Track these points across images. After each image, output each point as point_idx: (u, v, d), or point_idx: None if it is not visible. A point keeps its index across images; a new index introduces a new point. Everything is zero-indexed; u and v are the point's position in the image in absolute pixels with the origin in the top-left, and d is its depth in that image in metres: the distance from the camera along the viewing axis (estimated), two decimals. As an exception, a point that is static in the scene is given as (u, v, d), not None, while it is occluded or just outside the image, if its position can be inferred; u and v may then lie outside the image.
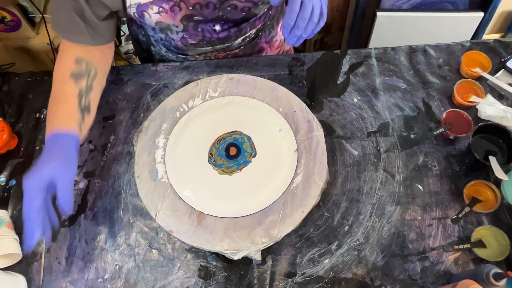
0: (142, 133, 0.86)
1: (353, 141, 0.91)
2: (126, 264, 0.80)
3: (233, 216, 0.77)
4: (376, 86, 0.98)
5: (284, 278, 0.78)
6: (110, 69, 0.96)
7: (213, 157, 0.83)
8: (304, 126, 0.84)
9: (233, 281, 0.78)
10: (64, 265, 0.80)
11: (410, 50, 1.03)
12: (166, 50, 1.03)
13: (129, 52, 1.76)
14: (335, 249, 0.80)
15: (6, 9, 1.06)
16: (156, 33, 0.97)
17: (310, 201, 0.77)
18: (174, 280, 0.78)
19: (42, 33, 1.18)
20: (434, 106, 0.95)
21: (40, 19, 1.17)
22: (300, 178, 0.79)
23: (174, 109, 0.88)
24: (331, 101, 0.96)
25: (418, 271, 0.78)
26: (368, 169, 0.88)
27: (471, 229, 0.80)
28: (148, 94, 0.99)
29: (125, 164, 0.90)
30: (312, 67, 1.01)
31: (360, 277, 0.78)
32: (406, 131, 0.92)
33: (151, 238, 0.82)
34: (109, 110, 0.97)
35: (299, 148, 0.83)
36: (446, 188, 0.85)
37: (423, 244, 0.80)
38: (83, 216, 0.85)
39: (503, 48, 1.02)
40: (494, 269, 0.68)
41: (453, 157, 0.89)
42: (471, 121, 0.89)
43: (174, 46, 0.99)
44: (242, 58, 1.03)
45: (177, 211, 0.77)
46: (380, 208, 0.84)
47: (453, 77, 0.99)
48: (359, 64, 1.01)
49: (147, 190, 0.79)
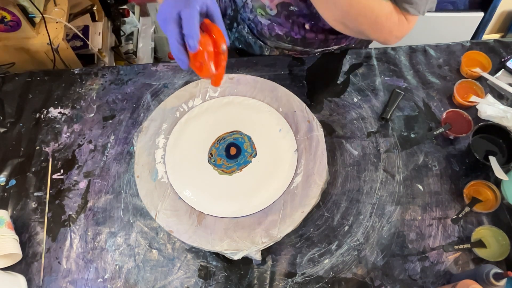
0: (142, 133, 0.86)
1: (353, 141, 0.91)
2: (126, 264, 0.80)
3: (233, 216, 0.77)
4: (376, 86, 0.98)
5: (284, 278, 0.78)
6: (110, 69, 0.96)
7: (213, 157, 0.83)
8: (304, 126, 0.84)
9: (233, 281, 0.78)
10: (64, 265, 0.80)
11: (410, 50, 1.03)
12: (248, 31, 1.02)
13: (129, 52, 1.76)
14: (335, 249, 0.80)
15: (6, 9, 1.06)
16: (246, 12, 0.97)
17: (310, 201, 0.77)
18: (174, 280, 0.78)
19: (42, 33, 1.17)
20: (434, 106, 0.95)
21: (40, 19, 1.17)
22: (300, 178, 0.79)
23: (174, 109, 0.88)
24: (331, 101, 0.96)
25: (418, 271, 0.78)
26: (368, 169, 0.88)
27: (471, 229, 0.80)
28: (148, 94, 0.99)
29: (125, 164, 0.90)
30: (312, 67, 1.01)
31: (360, 277, 0.78)
32: (406, 131, 0.92)
33: (151, 238, 0.82)
34: (109, 110, 0.97)
35: (299, 148, 0.83)
36: (446, 188, 0.85)
37: (423, 244, 0.80)
38: (83, 216, 0.85)
39: (503, 48, 1.02)
40: (494, 269, 0.68)
41: (453, 157, 0.89)
42: (471, 121, 0.89)
43: (259, 31, 0.99)
44: (242, 58, 1.03)
45: (177, 211, 0.77)
46: (380, 208, 0.84)
47: (453, 77, 0.99)
48: (359, 64, 1.01)
49: (147, 190, 0.79)
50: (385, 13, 0.75)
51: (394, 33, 0.78)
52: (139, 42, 1.83)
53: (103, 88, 1.01)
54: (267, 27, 0.96)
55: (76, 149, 0.92)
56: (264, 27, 0.96)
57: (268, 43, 1.02)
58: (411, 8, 0.74)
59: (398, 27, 0.77)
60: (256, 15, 0.95)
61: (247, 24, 1.01)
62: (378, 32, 0.78)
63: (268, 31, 0.97)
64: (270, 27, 0.96)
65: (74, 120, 0.96)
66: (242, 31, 1.04)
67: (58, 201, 0.86)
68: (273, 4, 0.89)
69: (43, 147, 0.93)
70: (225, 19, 1.06)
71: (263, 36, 1.00)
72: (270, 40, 1.00)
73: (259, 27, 0.98)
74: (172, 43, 0.60)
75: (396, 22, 0.76)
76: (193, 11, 0.59)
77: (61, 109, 0.98)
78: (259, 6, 0.92)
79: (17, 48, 1.19)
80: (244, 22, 1.01)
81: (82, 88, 1.01)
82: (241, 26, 1.03)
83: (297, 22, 0.92)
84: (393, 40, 0.80)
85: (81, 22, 1.44)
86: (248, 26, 1.01)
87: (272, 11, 0.91)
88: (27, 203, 0.86)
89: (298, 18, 0.91)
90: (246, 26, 1.02)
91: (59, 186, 0.88)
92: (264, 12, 0.93)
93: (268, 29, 0.97)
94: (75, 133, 0.95)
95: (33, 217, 0.85)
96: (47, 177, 0.89)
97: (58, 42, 1.19)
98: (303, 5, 0.87)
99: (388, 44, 0.80)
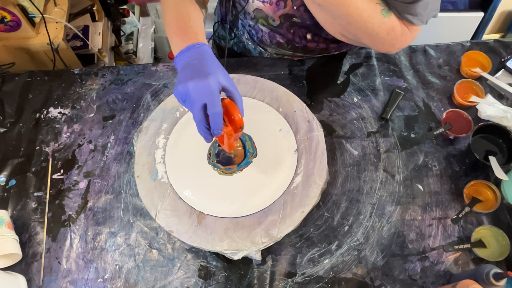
0: (142, 133, 0.86)
1: (353, 141, 0.91)
2: (126, 264, 0.80)
3: (233, 216, 0.77)
4: (376, 86, 0.98)
5: (284, 278, 0.78)
6: (110, 69, 0.96)
7: (212, 157, 0.83)
8: (304, 126, 0.84)
9: (233, 281, 0.78)
10: (64, 265, 0.80)
11: (410, 50, 1.03)
12: (248, 37, 1.02)
13: (129, 52, 1.76)
14: (335, 249, 0.80)
15: (6, 9, 1.06)
16: (246, 19, 0.96)
17: (310, 201, 0.77)
18: (174, 280, 0.78)
19: (42, 33, 1.18)
20: (434, 106, 0.95)
21: (40, 19, 1.17)
22: (300, 178, 0.79)
23: (174, 109, 0.88)
24: (331, 101, 0.96)
25: (418, 271, 0.78)
26: (368, 169, 0.88)
27: (471, 229, 0.80)
28: (148, 94, 0.99)
29: (125, 164, 0.90)
30: (312, 67, 1.01)
31: (360, 277, 0.78)
32: (406, 131, 0.92)
33: (151, 238, 0.82)
34: (109, 110, 0.97)
35: (299, 148, 0.83)
36: (446, 188, 0.85)
37: (423, 244, 0.80)
38: (83, 216, 0.85)
39: (503, 48, 1.02)
40: (494, 269, 0.68)
41: (453, 157, 0.89)
42: (471, 121, 0.89)
43: (259, 38, 0.98)
44: (242, 58, 1.03)
45: (177, 211, 0.77)
46: (380, 208, 0.84)
47: (453, 77, 0.99)
48: (359, 64, 1.01)
49: (147, 190, 0.79)
50: (386, 29, 0.74)
51: (396, 45, 0.78)
52: (139, 42, 1.84)
53: (103, 88, 1.01)
54: (268, 35, 0.95)
55: (76, 149, 0.92)
56: (265, 34, 0.96)
57: (269, 50, 1.01)
58: (415, 19, 0.73)
59: (401, 38, 0.77)
60: (257, 23, 0.94)
61: (247, 30, 1.00)
62: (379, 45, 0.78)
63: (269, 38, 0.96)
64: (271, 35, 0.95)
65: (74, 120, 0.96)
66: (241, 37, 1.03)
67: (58, 201, 0.86)
68: (276, 15, 0.88)
69: (43, 147, 0.93)
70: (225, 24, 1.05)
71: (263, 43, 1.00)
72: (270, 47, 1.00)
73: (260, 34, 0.97)
74: (200, 127, 0.66)
75: (398, 35, 0.76)
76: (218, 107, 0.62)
77: (61, 109, 0.98)
78: (261, 17, 0.91)
79: (17, 48, 1.19)
80: (244, 28, 1.00)
81: (82, 88, 1.01)
82: (241, 32, 1.02)
83: (298, 33, 0.92)
84: (395, 50, 0.81)
85: (81, 22, 1.44)
86: (248, 32, 1.00)
87: (275, 22, 0.90)
88: (27, 203, 0.86)
89: (300, 29, 0.91)
90: (246, 33, 1.01)
91: (59, 186, 0.88)
92: (266, 22, 0.92)
93: (269, 37, 0.96)
94: (75, 133, 0.95)
95: (33, 217, 0.85)
96: (47, 177, 0.89)
97: (58, 42, 1.19)
98: (306, 16, 0.86)
99: (390, 53, 0.80)
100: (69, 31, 1.36)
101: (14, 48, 1.19)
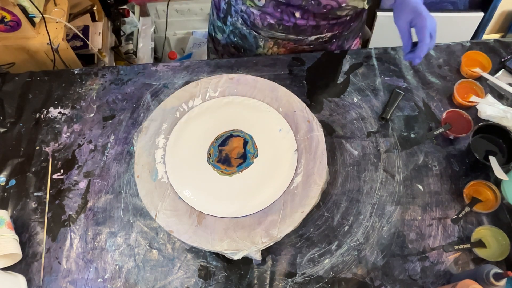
0: (142, 133, 0.86)
1: (353, 141, 0.91)
2: (126, 264, 0.80)
3: (233, 216, 0.77)
4: (376, 86, 0.98)
5: (284, 278, 0.78)
6: (110, 69, 0.96)
7: (212, 157, 0.83)
8: (304, 126, 0.84)
9: (233, 281, 0.78)
10: (64, 265, 0.80)
11: (410, 50, 1.03)
12: (242, 23, 1.04)
13: (129, 52, 1.76)
14: (335, 249, 0.80)
15: (6, 9, 1.06)
16: (238, 4, 0.99)
17: (310, 201, 0.77)
18: (174, 280, 0.78)
19: (42, 33, 1.17)
20: (434, 106, 0.95)
21: (40, 19, 1.17)
22: (300, 178, 0.79)
23: (174, 109, 0.88)
24: (331, 101, 0.96)
25: (418, 271, 0.78)
26: (368, 169, 0.88)
27: (471, 229, 0.80)
28: (148, 94, 0.99)
29: (125, 164, 0.90)
30: (312, 67, 1.01)
31: (360, 277, 0.78)
32: (406, 131, 0.92)
33: (151, 238, 0.82)
34: (109, 110, 0.97)
35: (299, 148, 0.83)
36: (446, 188, 0.85)
37: (423, 244, 0.80)
38: (83, 216, 0.85)
39: (503, 48, 1.02)
40: (494, 269, 0.68)
41: (453, 157, 0.89)
42: (471, 121, 0.89)
43: (252, 21, 1.00)
44: (242, 58, 1.03)
45: (177, 211, 0.77)
46: (380, 208, 0.84)
47: (453, 77, 0.99)
48: (359, 64, 1.01)
49: (147, 190, 0.79)
50: None
51: None
52: (139, 42, 1.83)
53: (103, 88, 1.01)
54: (259, 17, 0.97)
55: (76, 149, 0.92)
56: (256, 17, 0.98)
57: (262, 33, 1.02)
58: None
59: None
60: (247, 6, 0.96)
61: (240, 15, 1.02)
62: None
63: (260, 21, 0.98)
64: (262, 17, 0.97)
65: (74, 120, 0.96)
66: (236, 23, 1.05)
67: (58, 201, 0.86)
68: None
69: (43, 147, 0.93)
70: (219, 13, 1.08)
71: (256, 27, 1.01)
72: (263, 31, 1.01)
73: (252, 17, 0.99)
74: None
75: None
76: None
77: (61, 109, 0.98)
78: None
79: (17, 48, 1.19)
80: (238, 13, 1.02)
81: (82, 88, 1.01)
82: (235, 18, 1.04)
83: (286, 11, 0.93)
84: None
85: (81, 22, 1.44)
86: (242, 17, 1.03)
87: (260, 1, 0.92)
88: (27, 203, 0.86)
89: (287, 8, 0.92)
90: (240, 18, 1.03)
91: (59, 186, 0.88)
92: (253, 3, 0.94)
93: (260, 19, 0.98)
94: (75, 133, 0.95)
95: (33, 217, 0.85)
96: (47, 177, 0.89)
97: (58, 42, 1.19)
98: None
99: None
100: (69, 31, 1.36)
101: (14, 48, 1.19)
